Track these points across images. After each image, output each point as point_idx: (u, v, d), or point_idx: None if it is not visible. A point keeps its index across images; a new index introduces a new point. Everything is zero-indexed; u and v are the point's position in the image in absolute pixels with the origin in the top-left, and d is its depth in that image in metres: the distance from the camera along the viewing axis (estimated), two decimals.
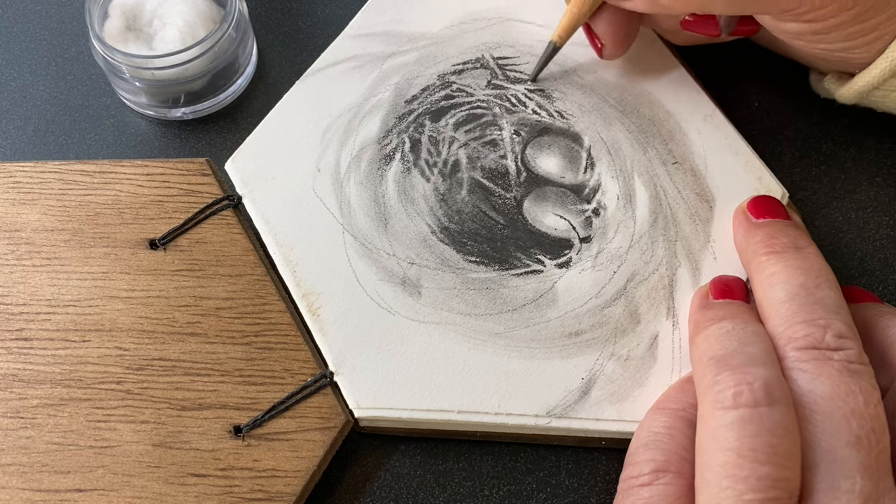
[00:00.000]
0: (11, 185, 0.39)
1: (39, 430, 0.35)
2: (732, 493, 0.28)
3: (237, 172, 0.39)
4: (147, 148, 0.42)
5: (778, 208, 0.36)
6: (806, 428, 0.29)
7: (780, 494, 0.28)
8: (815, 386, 0.30)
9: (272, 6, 0.46)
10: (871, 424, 0.29)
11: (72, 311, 0.37)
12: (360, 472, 0.36)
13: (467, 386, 0.35)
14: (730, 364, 0.30)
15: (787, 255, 0.33)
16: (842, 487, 0.28)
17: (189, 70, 0.40)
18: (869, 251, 0.39)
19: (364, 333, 0.36)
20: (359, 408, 0.35)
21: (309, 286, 0.37)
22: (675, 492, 0.30)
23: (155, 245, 0.38)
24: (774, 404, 0.29)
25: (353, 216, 0.38)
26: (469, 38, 0.42)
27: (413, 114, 0.41)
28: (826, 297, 0.32)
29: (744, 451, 0.28)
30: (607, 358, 0.35)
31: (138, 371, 0.35)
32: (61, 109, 0.43)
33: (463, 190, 0.39)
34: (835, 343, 0.30)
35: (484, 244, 0.38)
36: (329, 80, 0.41)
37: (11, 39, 0.45)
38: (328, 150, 0.40)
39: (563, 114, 0.40)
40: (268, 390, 0.35)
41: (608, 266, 0.37)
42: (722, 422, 0.29)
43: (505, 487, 0.35)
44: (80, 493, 0.34)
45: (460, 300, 0.37)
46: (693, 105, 0.40)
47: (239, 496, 0.33)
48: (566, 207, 0.39)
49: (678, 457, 0.31)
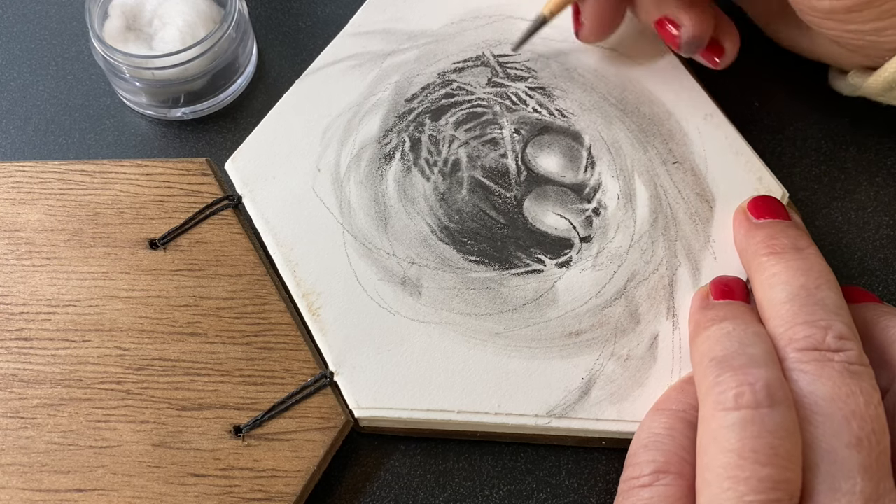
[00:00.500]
0: (11, 184, 0.39)
1: (39, 430, 0.35)
2: (734, 494, 0.28)
3: (237, 172, 0.39)
4: (147, 148, 0.42)
5: (778, 208, 0.36)
6: (806, 429, 0.29)
7: (781, 496, 0.28)
8: (815, 387, 0.30)
9: (272, 6, 0.46)
10: (871, 426, 0.29)
11: (72, 310, 0.37)
12: (360, 472, 0.36)
13: (467, 386, 0.35)
14: (731, 365, 0.30)
15: (788, 255, 0.33)
16: (842, 488, 0.28)
17: (189, 70, 0.40)
18: (869, 251, 0.39)
19: (364, 333, 0.36)
20: (359, 408, 0.35)
21: (309, 286, 0.37)
22: (675, 493, 0.30)
23: (155, 245, 0.38)
24: (776, 405, 0.29)
25: (353, 216, 0.38)
26: (469, 35, 0.42)
27: (413, 112, 0.41)
28: (826, 298, 0.32)
29: (745, 453, 0.28)
30: (607, 358, 0.35)
31: (138, 371, 0.36)
32: (61, 109, 0.43)
33: (463, 189, 0.39)
34: (835, 344, 0.30)
35: (484, 243, 0.38)
36: (329, 79, 0.41)
37: (11, 39, 0.45)
38: (328, 149, 0.40)
39: (563, 112, 0.40)
40: (268, 390, 0.35)
41: (608, 266, 0.37)
42: (723, 423, 0.29)
43: (505, 487, 0.35)
44: (80, 493, 0.34)
45: (460, 300, 0.37)
46: (693, 104, 0.40)
47: (239, 496, 0.33)
48: (566, 207, 0.39)
49: (678, 458, 0.31)
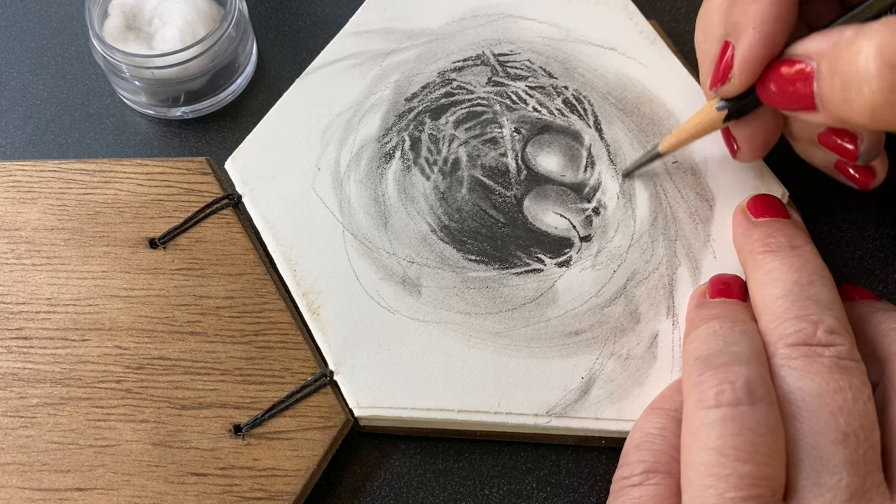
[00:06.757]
0: (11, 184, 0.39)
1: (39, 429, 0.35)
2: (715, 491, 0.28)
3: (237, 171, 0.39)
4: (147, 147, 0.42)
5: (777, 207, 0.36)
6: (792, 425, 0.29)
7: (763, 492, 0.28)
8: (803, 383, 0.30)
9: (272, 5, 0.46)
10: (859, 421, 0.29)
11: (71, 309, 0.37)
12: (360, 471, 0.36)
13: (467, 385, 0.35)
14: (713, 364, 0.30)
15: (783, 253, 0.33)
16: (827, 483, 0.28)
17: (189, 69, 0.40)
18: (869, 251, 0.39)
19: (364, 332, 0.36)
20: (359, 407, 0.35)
21: (309, 285, 0.37)
22: (664, 492, 0.30)
23: (155, 244, 0.38)
24: (756, 403, 0.29)
25: (353, 215, 0.38)
26: (469, 34, 0.42)
27: (413, 111, 0.41)
28: (819, 294, 0.32)
29: (725, 450, 0.28)
30: (607, 357, 0.35)
31: (138, 370, 0.36)
32: (61, 108, 0.43)
33: (463, 188, 0.39)
34: (826, 339, 0.30)
35: (484, 243, 0.38)
36: (329, 78, 0.41)
37: (11, 39, 0.45)
38: (328, 148, 0.40)
39: (563, 111, 0.40)
40: (268, 389, 0.35)
41: (608, 265, 0.37)
42: (704, 421, 0.29)
43: (505, 486, 0.36)
44: (80, 492, 0.34)
45: (460, 299, 0.37)
46: (694, 104, 0.40)
47: (239, 495, 0.33)
48: (566, 206, 0.39)
49: (668, 457, 0.31)
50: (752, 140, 0.35)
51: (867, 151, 0.34)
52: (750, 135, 0.35)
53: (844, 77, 0.28)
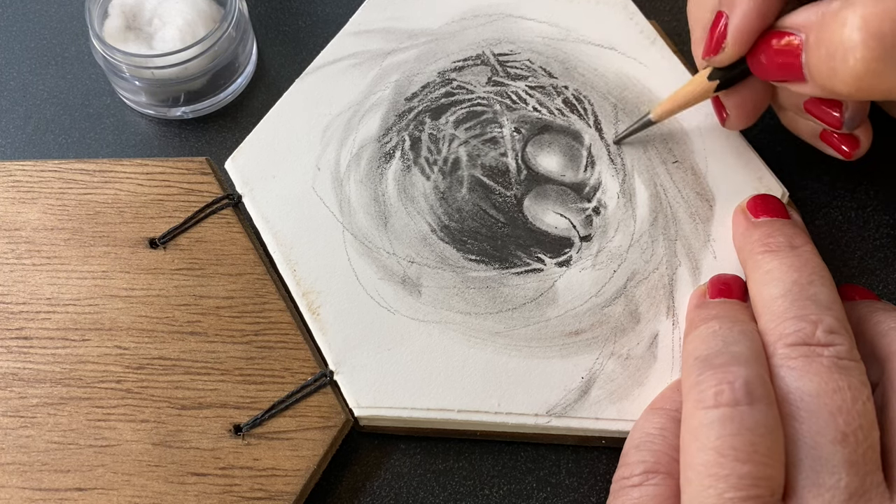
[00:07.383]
0: (11, 183, 0.39)
1: (39, 428, 0.35)
2: (714, 491, 0.28)
3: (237, 171, 0.39)
4: (147, 147, 0.42)
5: (777, 207, 0.36)
6: (791, 425, 0.29)
7: (762, 492, 0.28)
8: (802, 383, 0.30)
9: (272, 5, 0.46)
10: (858, 421, 0.29)
11: (72, 309, 0.37)
12: (360, 471, 0.36)
13: (467, 385, 0.35)
14: (712, 364, 0.30)
15: (783, 253, 0.33)
16: (826, 483, 0.28)
17: (189, 69, 0.40)
18: (869, 251, 0.39)
19: (364, 332, 0.36)
20: (359, 407, 0.35)
21: (309, 285, 0.37)
22: (664, 492, 0.30)
23: (155, 244, 0.38)
24: (755, 403, 0.29)
25: (353, 215, 0.38)
26: (469, 34, 0.42)
27: (413, 111, 0.41)
28: (819, 294, 0.32)
29: (724, 450, 0.28)
30: (607, 357, 0.35)
31: (138, 370, 0.36)
32: (61, 108, 0.43)
33: (463, 188, 0.39)
34: (825, 339, 0.30)
35: (484, 242, 0.38)
36: (329, 78, 0.41)
37: (11, 39, 0.45)
38: (328, 148, 0.40)
39: (563, 111, 0.40)
40: (268, 389, 0.35)
41: (608, 265, 0.37)
42: (703, 421, 0.29)
43: (505, 486, 0.36)
44: (80, 491, 0.34)
45: (460, 299, 0.37)
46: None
47: (239, 495, 0.33)
48: (566, 206, 0.39)
49: (668, 457, 0.31)
50: (741, 108, 0.36)
51: (851, 118, 0.34)
52: (739, 103, 0.36)
53: (830, 47, 0.29)
